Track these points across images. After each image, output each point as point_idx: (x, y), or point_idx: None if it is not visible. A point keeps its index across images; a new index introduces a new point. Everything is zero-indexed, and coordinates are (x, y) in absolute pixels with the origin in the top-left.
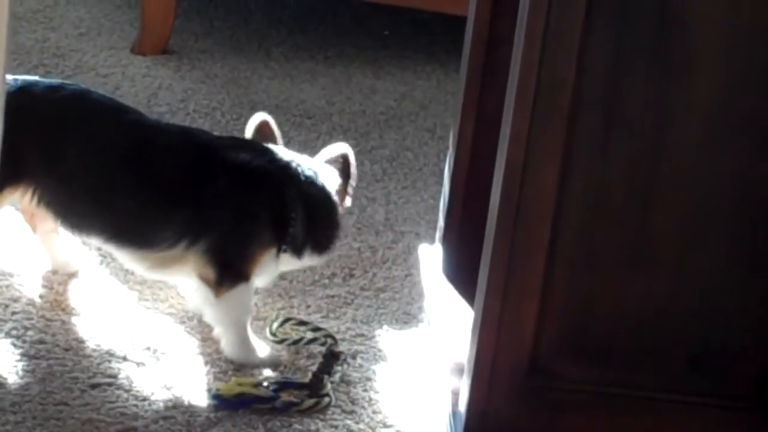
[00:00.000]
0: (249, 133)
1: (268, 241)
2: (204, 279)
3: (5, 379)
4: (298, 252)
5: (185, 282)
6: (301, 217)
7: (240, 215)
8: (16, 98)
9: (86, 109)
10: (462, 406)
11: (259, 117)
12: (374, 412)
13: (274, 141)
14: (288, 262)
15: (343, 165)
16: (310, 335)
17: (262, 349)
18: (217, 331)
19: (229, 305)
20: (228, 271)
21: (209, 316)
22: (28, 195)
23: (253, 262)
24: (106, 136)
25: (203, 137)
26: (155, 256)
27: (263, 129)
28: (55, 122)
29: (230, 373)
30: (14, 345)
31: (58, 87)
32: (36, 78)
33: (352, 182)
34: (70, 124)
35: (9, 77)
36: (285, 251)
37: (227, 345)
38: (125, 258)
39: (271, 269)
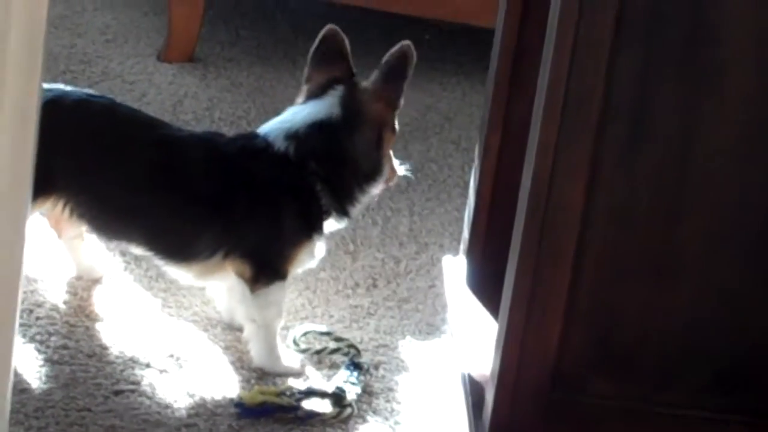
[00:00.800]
0: (315, 45)
1: (302, 237)
2: (240, 275)
3: (29, 384)
4: (344, 213)
5: (216, 285)
6: (322, 178)
7: (269, 221)
8: (46, 111)
9: (116, 123)
10: (485, 419)
11: (326, 29)
12: (396, 423)
13: (342, 55)
14: (340, 223)
15: (399, 63)
16: (332, 345)
17: (290, 358)
18: (247, 332)
19: (263, 302)
20: (264, 269)
21: (241, 312)
22: (59, 206)
23: (290, 261)
24: (135, 151)
25: (222, 146)
26: (197, 267)
27: (325, 41)
28: (86, 137)
29: (253, 381)
30: (38, 350)
31: (87, 100)
32: (64, 88)
33: (407, 79)
34: (100, 138)
35: None
36: (331, 219)
37: (255, 350)
38: (169, 270)
39: (310, 258)
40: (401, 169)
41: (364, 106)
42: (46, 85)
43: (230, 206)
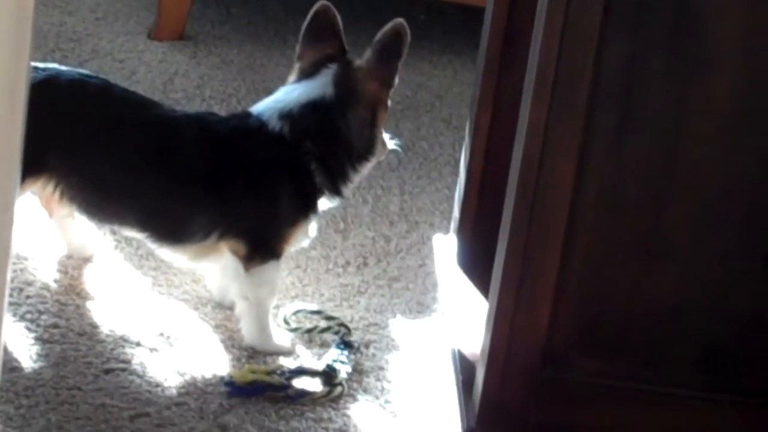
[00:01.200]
0: (306, 22)
1: (299, 216)
2: (235, 253)
3: (19, 363)
4: (337, 193)
5: (209, 265)
6: (317, 158)
7: (265, 201)
8: (40, 90)
9: (110, 105)
10: (475, 397)
11: (318, 5)
12: (387, 402)
13: (335, 31)
14: (333, 202)
15: (393, 42)
16: (323, 324)
17: (280, 336)
18: (240, 309)
19: (257, 280)
20: (260, 248)
21: (234, 290)
22: (49, 186)
23: (286, 240)
24: (129, 133)
25: (216, 126)
26: (192, 249)
27: (317, 17)
28: (78, 118)
29: (243, 360)
30: (28, 329)
31: (81, 80)
32: (58, 67)
33: (401, 57)
34: (94, 120)
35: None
36: (325, 197)
37: (246, 328)
38: (163, 252)
39: (305, 237)
40: (391, 143)
41: (358, 85)
42: (41, 65)
43: (225, 187)
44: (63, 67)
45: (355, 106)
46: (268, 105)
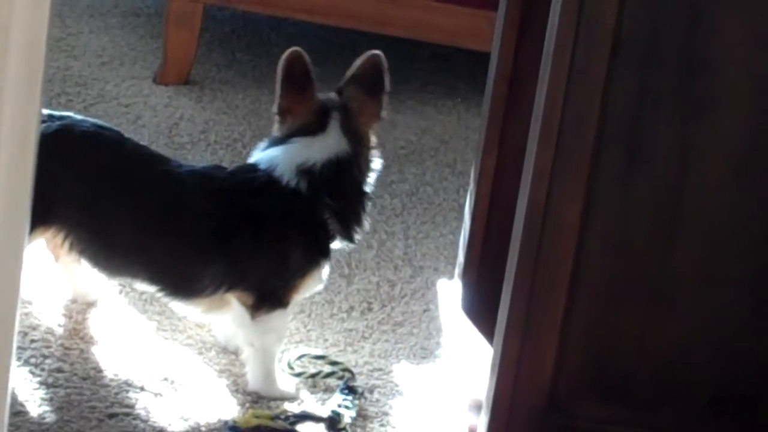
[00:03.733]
0: (279, 72)
1: (310, 266)
2: (242, 302)
3: (23, 407)
4: (350, 239)
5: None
6: (334, 210)
7: (277, 257)
8: (54, 141)
9: (121, 160)
10: None
11: (290, 53)
12: None
13: (309, 74)
14: (342, 245)
15: (374, 75)
16: (327, 369)
17: (285, 382)
18: (246, 354)
19: (264, 328)
20: (268, 298)
21: (241, 336)
22: (59, 237)
23: (296, 290)
24: (139, 191)
25: (225, 182)
26: (203, 303)
27: (294, 65)
28: (91, 173)
29: (248, 405)
30: (32, 373)
31: (95, 133)
32: (72, 117)
33: (386, 90)
34: (104, 175)
35: (44, 111)
36: (338, 241)
37: (251, 374)
38: (177, 306)
39: (318, 283)
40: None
41: (360, 129)
42: (56, 113)
43: (234, 243)
44: (78, 117)
45: (362, 150)
46: (279, 158)
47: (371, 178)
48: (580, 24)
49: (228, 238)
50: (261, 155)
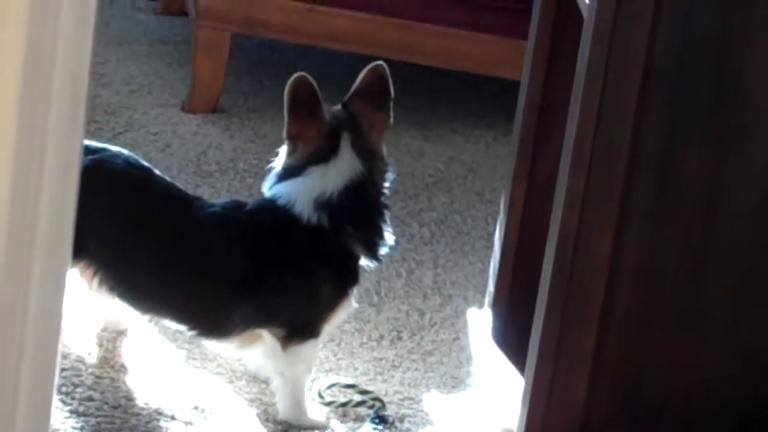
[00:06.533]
0: (285, 98)
1: (340, 299)
2: (273, 334)
3: None
4: (376, 258)
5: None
6: (357, 237)
7: (306, 294)
8: (84, 177)
9: (149, 201)
10: None
11: (294, 78)
12: None
13: (316, 98)
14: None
15: (379, 86)
16: (357, 398)
17: (315, 411)
18: (275, 384)
19: (294, 359)
20: (299, 330)
21: (271, 366)
22: (88, 271)
23: (327, 321)
24: (165, 233)
25: (247, 224)
26: (234, 341)
27: (299, 90)
28: (119, 213)
29: None
30: (63, 402)
31: (125, 171)
32: (107, 151)
33: (392, 98)
34: (132, 217)
35: None
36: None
37: (281, 403)
38: (209, 344)
39: (348, 311)
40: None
41: (372, 144)
42: (92, 145)
43: (263, 285)
44: (112, 150)
45: (376, 164)
46: (296, 191)
47: (386, 187)
48: (611, 52)
49: (256, 281)
50: (278, 189)
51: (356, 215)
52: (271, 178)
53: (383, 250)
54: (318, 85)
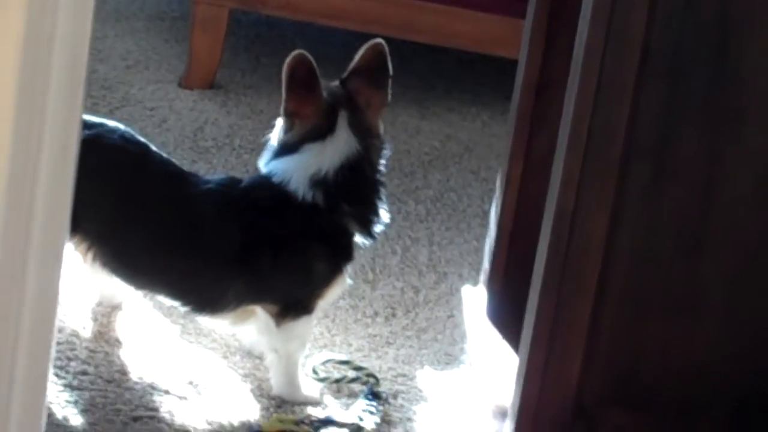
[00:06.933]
0: (284, 75)
1: (334, 275)
2: (267, 310)
3: (48, 409)
4: (371, 235)
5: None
6: (352, 214)
7: (300, 271)
8: (83, 150)
9: (144, 177)
10: None
11: (293, 56)
12: None
13: (315, 76)
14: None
15: (378, 64)
16: (351, 374)
17: (309, 387)
18: (269, 359)
19: (288, 335)
20: (293, 306)
21: (265, 342)
22: (82, 246)
23: (321, 297)
24: (159, 209)
25: (242, 200)
26: (228, 316)
27: (298, 68)
28: (114, 189)
29: (272, 409)
30: (57, 375)
31: (120, 147)
32: (103, 126)
33: (390, 75)
34: (127, 193)
35: None
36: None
37: (275, 379)
38: (203, 319)
39: (343, 287)
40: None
41: (369, 123)
42: (89, 120)
43: (257, 262)
44: (109, 125)
45: (372, 142)
46: (291, 168)
47: (382, 165)
48: (610, 32)
49: (250, 257)
50: (274, 165)
51: (351, 193)
52: (267, 154)
53: (378, 228)
54: (316, 62)
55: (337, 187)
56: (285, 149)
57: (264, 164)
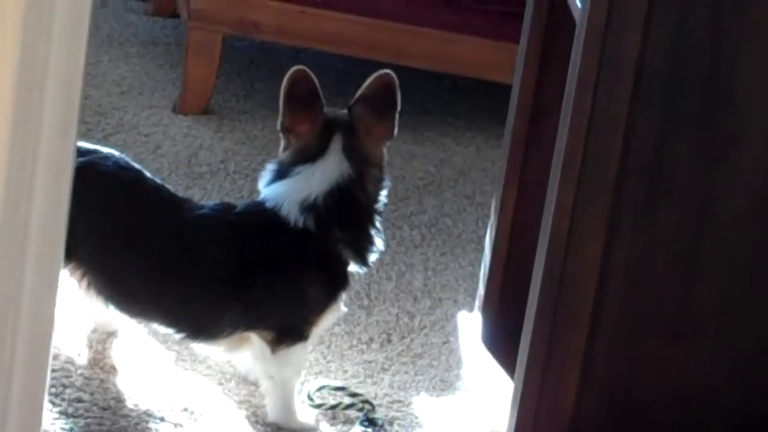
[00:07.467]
0: (282, 90)
1: (328, 303)
2: (262, 337)
3: None
4: (364, 263)
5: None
6: (345, 241)
7: (294, 298)
8: (78, 177)
9: (138, 205)
10: None
11: (293, 71)
12: None
13: (315, 93)
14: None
15: (385, 94)
16: (347, 400)
17: (304, 413)
18: (265, 386)
19: (283, 361)
20: (288, 333)
21: (260, 369)
22: (77, 273)
23: (315, 324)
24: (154, 237)
25: (236, 227)
26: (222, 343)
27: (297, 84)
28: (108, 217)
29: None
30: (52, 403)
31: (114, 174)
32: (98, 153)
33: (398, 109)
34: (121, 220)
35: None
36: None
37: (271, 405)
38: (198, 347)
39: (338, 314)
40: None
41: (365, 149)
42: (84, 147)
43: (251, 289)
44: (103, 152)
45: (368, 170)
46: (282, 194)
47: (382, 196)
48: (603, 58)
49: (244, 284)
50: (267, 191)
51: (343, 219)
52: (266, 175)
53: (373, 256)
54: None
55: (327, 212)
56: (279, 172)
57: (263, 186)
